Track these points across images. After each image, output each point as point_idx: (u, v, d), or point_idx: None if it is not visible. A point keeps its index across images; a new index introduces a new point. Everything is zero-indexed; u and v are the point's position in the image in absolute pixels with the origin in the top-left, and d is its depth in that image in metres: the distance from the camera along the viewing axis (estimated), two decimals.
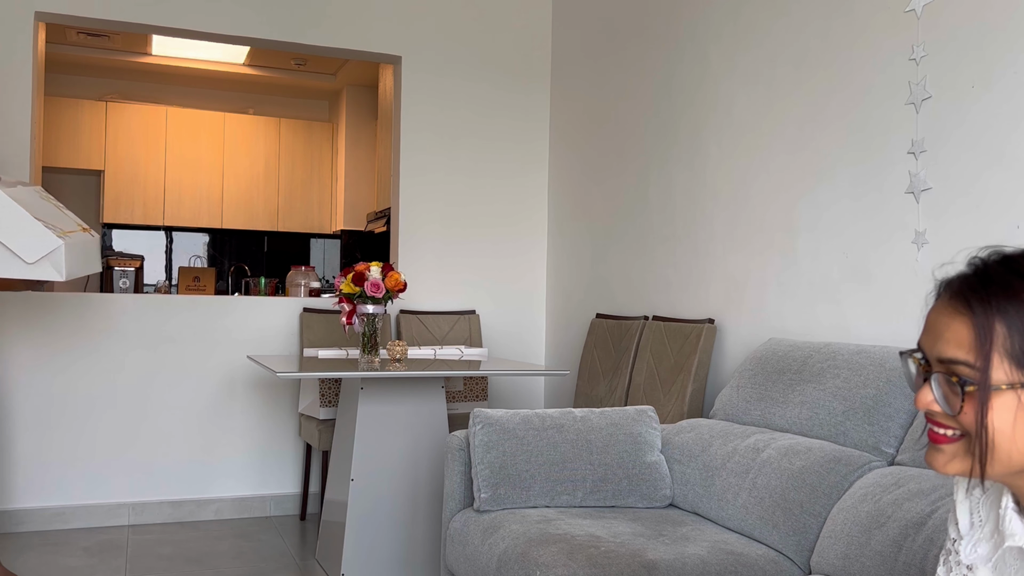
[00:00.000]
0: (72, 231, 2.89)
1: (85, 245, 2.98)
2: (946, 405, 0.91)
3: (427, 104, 4.62)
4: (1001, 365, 0.87)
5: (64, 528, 3.98)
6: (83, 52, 6.67)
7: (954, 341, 0.90)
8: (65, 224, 2.91)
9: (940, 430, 0.93)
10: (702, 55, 3.53)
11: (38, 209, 2.85)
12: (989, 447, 0.89)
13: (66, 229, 2.86)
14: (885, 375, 2.27)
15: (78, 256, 2.88)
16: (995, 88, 2.30)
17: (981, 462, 0.90)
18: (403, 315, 4.48)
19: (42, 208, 2.90)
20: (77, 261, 2.88)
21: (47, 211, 2.90)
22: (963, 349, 0.89)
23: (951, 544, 1.07)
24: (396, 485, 3.20)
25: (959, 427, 0.91)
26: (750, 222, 3.23)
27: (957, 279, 0.93)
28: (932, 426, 0.94)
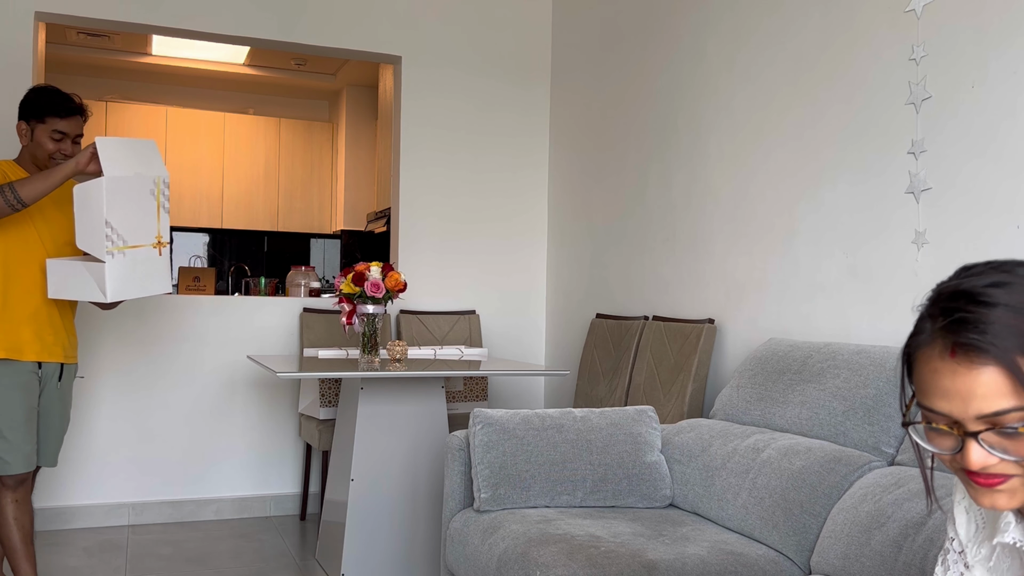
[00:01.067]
0: (138, 245, 2.65)
1: (147, 263, 2.71)
2: (1007, 454, 0.89)
3: (427, 104, 4.62)
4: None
5: (64, 528, 3.98)
6: (83, 52, 6.67)
7: (991, 395, 0.87)
8: (137, 235, 2.66)
9: (995, 478, 0.91)
10: (702, 54, 3.53)
11: (126, 210, 2.62)
12: None
13: (130, 243, 2.62)
14: (885, 375, 2.26)
15: (132, 275, 2.63)
16: (995, 88, 2.30)
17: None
18: (403, 315, 4.48)
19: (133, 208, 2.64)
20: (130, 281, 2.63)
21: (134, 213, 2.65)
22: (1006, 398, 0.87)
23: (949, 543, 1.08)
24: (396, 485, 3.20)
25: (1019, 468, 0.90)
26: (750, 222, 3.23)
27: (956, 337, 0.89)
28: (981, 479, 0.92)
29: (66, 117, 2.75)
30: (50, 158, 2.76)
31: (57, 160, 2.76)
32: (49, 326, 2.76)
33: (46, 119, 2.74)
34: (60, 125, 2.75)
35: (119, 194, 2.58)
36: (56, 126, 2.74)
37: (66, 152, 2.76)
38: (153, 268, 2.72)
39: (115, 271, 2.57)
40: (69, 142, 2.77)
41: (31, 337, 2.71)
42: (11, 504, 2.74)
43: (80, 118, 2.81)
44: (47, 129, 2.74)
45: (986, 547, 1.02)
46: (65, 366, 2.84)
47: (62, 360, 2.82)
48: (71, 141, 2.78)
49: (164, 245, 2.76)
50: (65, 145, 2.76)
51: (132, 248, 2.63)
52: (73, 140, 2.78)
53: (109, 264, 2.55)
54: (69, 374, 2.88)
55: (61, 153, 2.76)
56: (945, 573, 1.05)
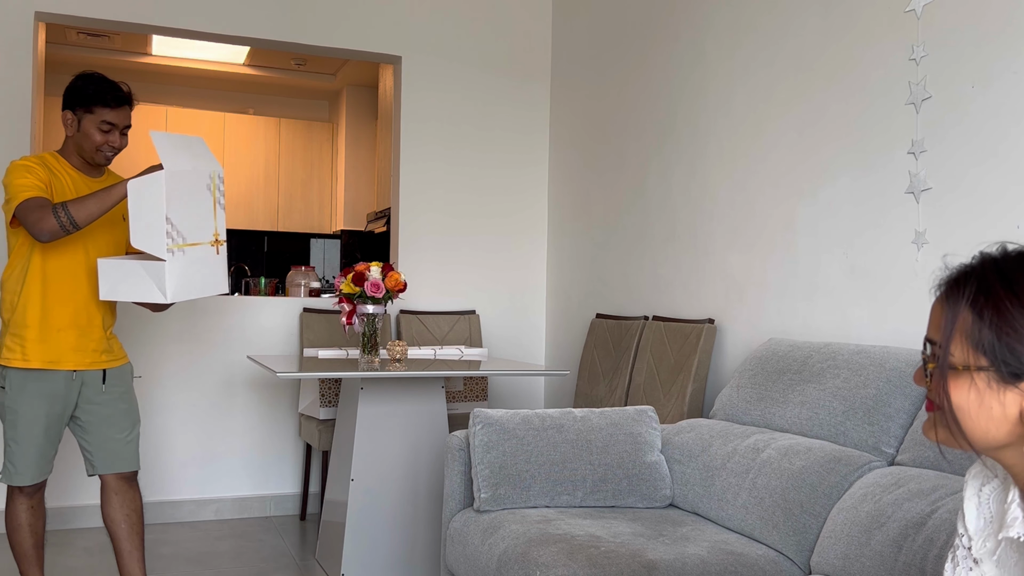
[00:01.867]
0: (196, 243, 2.50)
1: (205, 262, 2.56)
2: (922, 379, 1.04)
3: (427, 104, 4.63)
4: (961, 348, 0.98)
5: (64, 528, 3.98)
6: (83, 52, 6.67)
7: (934, 325, 1.02)
8: (195, 233, 2.51)
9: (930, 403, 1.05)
10: (702, 54, 3.53)
11: (185, 206, 2.47)
12: (953, 420, 0.99)
13: (189, 240, 2.48)
14: (885, 375, 2.27)
15: (191, 275, 2.49)
16: (995, 88, 2.30)
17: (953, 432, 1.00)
18: (403, 315, 4.48)
19: (191, 204, 2.50)
20: (189, 281, 2.48)
21: (192, 209, 2.50)
22: (938, 331, 1.01)
23: (959, 539, 1.09)
24: (396, 485, 3.20)
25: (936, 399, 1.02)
26: (750, 222, 3.23)
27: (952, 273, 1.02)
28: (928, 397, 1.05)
29: (115, 107, 2.61)
30: (97, 150, 2.62)
31: (104, 152, 2.64)
32: (89, 332, 2.65)
33: (94, 109, 2.60)
34: (109, 116, 2.60)
35: (177, 189, 2.44)
36: (105, 116, 2.60)
37: (114, 144, 2.63)
38: (211, 267, 2.57)
39: (175, 270, 2.43)
40: (117, 133, 2.64)
41: (69, 346, 2.61)
42: (26, 511, 2.68)
43: (128, 108, 2.67)
44: (95, 120, 2.60)
45: (992, 541, 1.05)
46: (109, 371, 2.72)
47: (104, 366, 2.70)
48: (119, 132, 2.64)
49: (222, 243, 2.60)
50: (113, 136, 2.63)
51: (191, 246, 2.49)
52: (121, 131, 2.65)
53: (169, 263, 2.40)
54: (118, 377, 2.74)
55: (109, 145, 2.62)
56: (955, 569, 1.08)
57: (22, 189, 2.48)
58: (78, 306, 2.62)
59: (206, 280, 2.55)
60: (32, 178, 2.52)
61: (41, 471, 2.64)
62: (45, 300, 2.58)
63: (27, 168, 2.54)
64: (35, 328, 2.57)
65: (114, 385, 2.72)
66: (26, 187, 2.49)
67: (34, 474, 2.62)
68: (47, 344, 2.58)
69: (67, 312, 2.61)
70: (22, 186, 2.49)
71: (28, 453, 2.59)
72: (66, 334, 2.60)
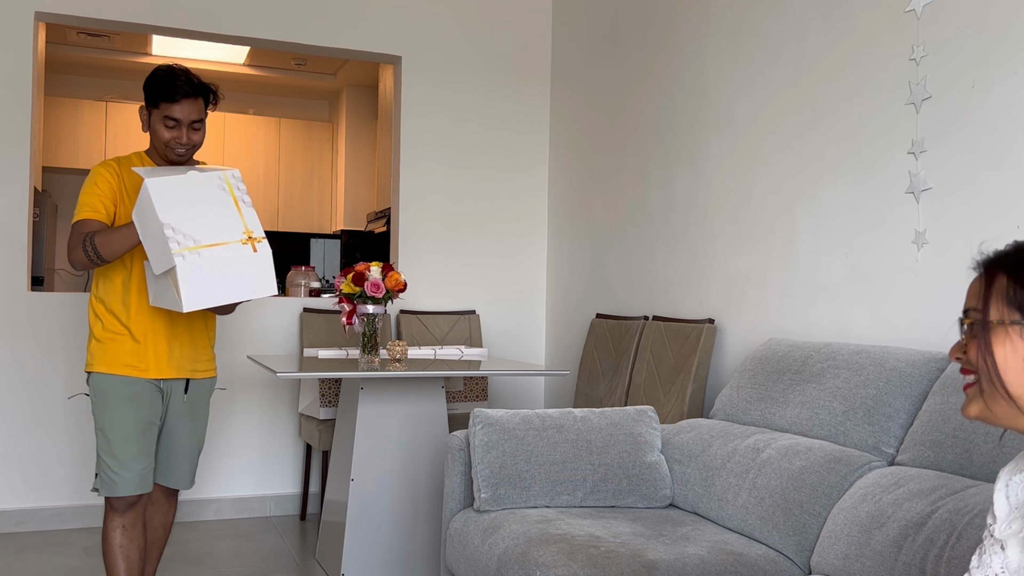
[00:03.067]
0: (217, 243, 2.28)
1: (238, 263, 2.31)
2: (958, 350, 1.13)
3: (427, 104, 4.63)
4: (997, 307, 1.09)
5: (64, 528, 3.98)
6: (83, 52, 6.67)
7: (971, 295, 1.13)
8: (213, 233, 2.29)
9: (967, 377, 1.13)
10: (702, 54, 3.53)
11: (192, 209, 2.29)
12: (996, 374, 1.08)
13: (205, 242, 2.26)
14: (885, 375, 2.27)
15: (216, 278, 2.27)
16: (995, 88, 2.30)
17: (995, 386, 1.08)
18: (403, 315, 4.48)
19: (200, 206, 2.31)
20: (214, 285, 2.26)
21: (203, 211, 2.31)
22: (974, 298, 1.12)
23: (987, 531, 1.15)
24: (396, 485, 3.20)
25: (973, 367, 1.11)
26: (750, 222, 3.23)
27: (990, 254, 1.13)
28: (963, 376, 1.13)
29: (179, 101, 2.46)
30: (166, 147, 2.50)
31: (175, 149, 2.50)
32: (175, 340, 2.55)
33: (159, 104, 2.47)
34: (172, 111, 2.46)
35: (172, 193, 2.28)
36: (168, 112, 2.46)
37: (181, 141, 2.49)
38: (247, 268, 2.32)
39: (189, 275, 2.22)
40: (184, 129, 2.49)
41: (153, 353, 2.51)
42: (118, 531, 2.52)
43: (195, 100, 2.49)
44: (159, 115, 2.48)
45: (1018, 523, 1.11)
46: (193, 381, 2.61)
47: (188, 375, 2.59)
48: (187, 128, 2.49)
49: (259, 240, 2.34)
50: (180, 133, 2.48)
51: (209, 247, 2.27)
52: (190, 127, 2.49)
53: (181, 267, 2.21)
54: (200, 389, 2.64)
55: (177, 142, 2.49)
56: (980, 556, 1.14)
57: (80, 208, 2.46)
58: (167, 313, 2.54)
59: (242, 282, 2.31)
60: (94, 196, 2.47)
61: (142, 482, 2.49)
62: (130, 307, 2.51)
63: (94, 182, 2.49)
64: (126, 332, 2.51)
65: (197, 396, 2.64)
66: (84, 206, 2.46)
67: (134, 483, 2.48)
68: (127, 351, 2.50)
69: (154, 319, 2.53)
70: (81, 205, 2.47)
71: (123, 459, 2.46)
72: (151, 341, 2.52)
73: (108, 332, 2.51)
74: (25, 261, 3.94)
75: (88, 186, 2.50)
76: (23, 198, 3.94)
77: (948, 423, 2.02)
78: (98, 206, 2.47)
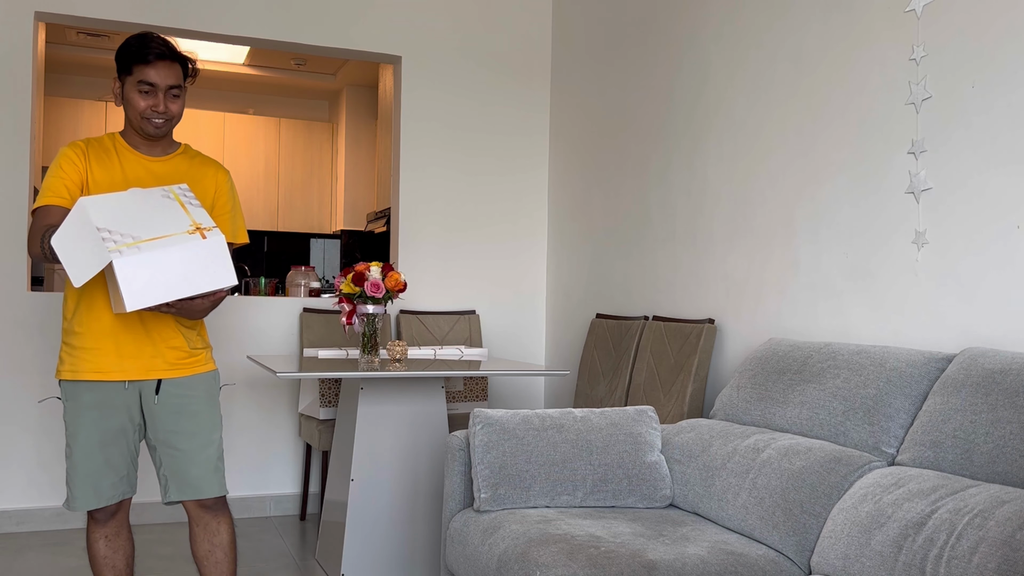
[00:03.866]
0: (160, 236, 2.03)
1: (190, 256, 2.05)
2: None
3: (427, 104, 4.62)
4: None
5: (64, 528, 3.98)
6: (83, 52, 6.67)
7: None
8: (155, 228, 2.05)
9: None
10: (702, 54, 3.53)
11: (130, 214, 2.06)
12: None
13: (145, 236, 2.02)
14: (885, 375, 2.27)
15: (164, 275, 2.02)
16: (995, 88, 2.30)
17: None
18: (403, 315, 4.48)
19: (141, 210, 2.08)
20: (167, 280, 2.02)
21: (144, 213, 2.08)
22: None
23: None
24: (396, 485, 3.20)
25: None
26: (750, 222, 3.23)
27: None
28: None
29: (152, 63, 2.20)
30: (141, 117, 2.24)
31: (151, 119, 2.25)
32: (130, 338, 2.30)
33: (132, 69, 2.21)
34: (147, 74, 2.20)
35: (107, 205, 2.06)
36: (142, 76, 2.20)
37: (159, 109, 2.23)
38: (199, 258, 2.06)
39: (129, 271, 1.97)
40: (161, 95, 2.23)
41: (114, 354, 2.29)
42: (100, 542, 2.37)
43: (172, 64, 2.24)
44: (133, 82, 2.22)
45: None
46: (168, 381, 2.34)
47: (161, 375, 2.33)
48: (164, 94, 2.23)
49: (208, 229, 2.08)
50: (156, 100, 2.22)
51: (152, 240, 2.02)
52: (167, 93, 2.24)
53: (118, 263, 1.95)
54: (182, 388, 2.36)
55: (154, 110, 2.23)
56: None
57: (43, 192, 2.24)
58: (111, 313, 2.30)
59: (193, 274, 2.05)
60: (59, 180, 2.24)
61: (100, 494, 2.31)
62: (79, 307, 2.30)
63: (59, 165, 2.26)
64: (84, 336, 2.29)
65: (174, 396, 2.35)
66: (47, 191, 2.24)
67: (91, 497, 2.31)
68: (79, 354, 2.29)
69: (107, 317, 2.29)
70: (45, 189, 2.24)
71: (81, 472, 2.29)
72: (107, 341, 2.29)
73: (69, 334, 2.32)
74: (25, 261, 3.94)
75: (54, 168, 2.26)
76: (23, 198, 3.94)
77: (948, 423, 2.02)
78: (62, 191, 2.23)
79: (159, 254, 2.01)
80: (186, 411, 2.36)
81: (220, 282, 2.09)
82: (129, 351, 2.31)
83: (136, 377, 2.32)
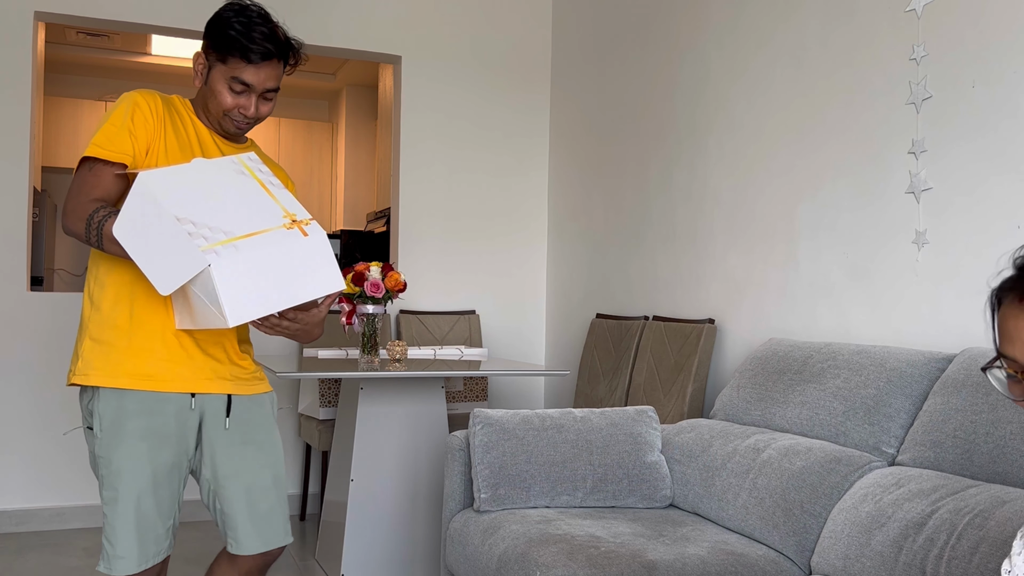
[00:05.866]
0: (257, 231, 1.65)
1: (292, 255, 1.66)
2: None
3: (427, 104, 4.62)
4: None
5: (64, 528, 3.98)
6: (83, 52, 6.67)
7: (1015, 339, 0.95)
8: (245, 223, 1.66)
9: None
10: (702, 55, 3.53)
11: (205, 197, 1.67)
12: None
13: (239, 233, 1.63)
14: (885, 375, 2.26)
15: (270, 278, 1.64)
16: (995, 88, 2.30)
17: None
18: (403, 315, 4.48)
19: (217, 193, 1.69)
20: (259, 287, 1.62)
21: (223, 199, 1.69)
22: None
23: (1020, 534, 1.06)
24: (396, 485, 3.20)
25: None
26: (750, 222, 3.23)
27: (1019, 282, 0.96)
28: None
29: (258, 64, 1.82)
30: (224, 115, 1.87)
31: (234, 119, 1.87)
32: (196, 344, 1.86)
33: (227, 60, 1.82)
34: (245, 73, 1.82)
35: (175, 183, 1.67)
36: (238, 73, 1.82)
37: (246, 112, 1.86)
38: (303, 259, 1.68)
39: (229, 275, 1.58)
40: (254, 98, 1.86)
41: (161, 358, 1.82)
42: None
43: (276, 63, 1.86)
44: (225, 74, 1.83)
45: None
46: (238, 398, 1.92)
47: (232, 390, 1.91)
48: (258, 96, 1.86)
49: (306, 223, 1.71)
50: (247, 101, 1.85)
51: (246, 237, 1.63)
52: (261, 96, 1.87)
53: (216, 265, 1.56)
54: (253, 409, 1.95)
55: (242, 112, 1.86)
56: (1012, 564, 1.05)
57: (101, 141, 1.76)
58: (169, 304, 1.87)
59: (299, 278, 1.67)
60: (125, 131, 1.77)
61: (145, 552, 1.83)
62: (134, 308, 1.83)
63: (129, 115, 1.79)
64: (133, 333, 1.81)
65: (247, 416, 1.95)
66: (107, 142, 1.76)
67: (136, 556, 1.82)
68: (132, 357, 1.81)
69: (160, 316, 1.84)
70: (104, 138, 1.77)
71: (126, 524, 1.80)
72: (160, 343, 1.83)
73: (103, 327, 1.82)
74: (25, 261, 3.94)
75: (120, 116, 1.79)
76: (23, 198, 3.94)
77: (948, 423, 2.02)
78: (126, 147, 1.78)
79: (259, 254, 1.62)
80: (254, 440, 1.94)
81: (327, 287, 1.73)
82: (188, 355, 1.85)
83: (202, 390, 1.86)
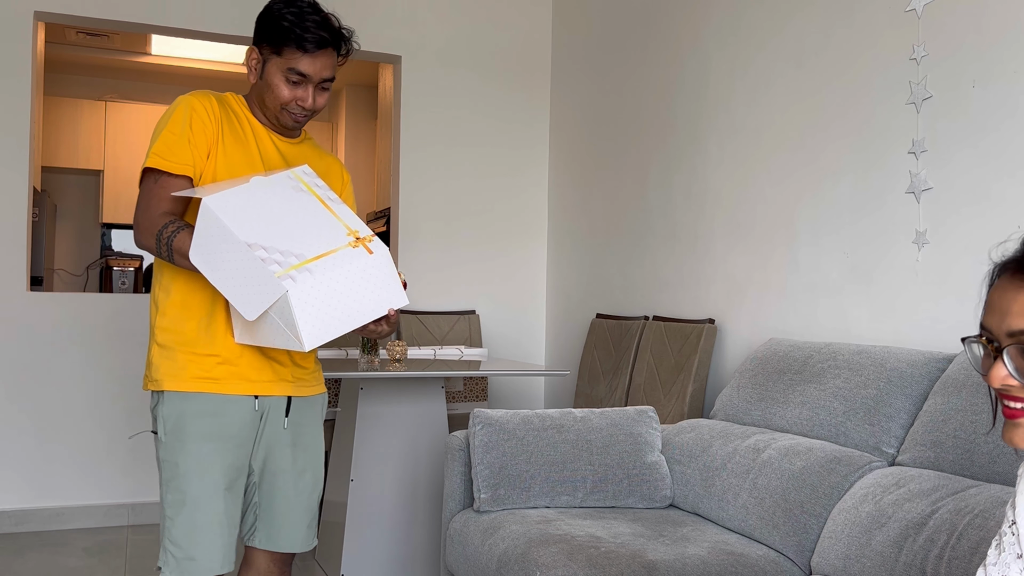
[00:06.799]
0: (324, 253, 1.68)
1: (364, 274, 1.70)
2: (1020, 376, 0.93)
3: (427, 104, 4.62)
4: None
5: (64, 528, 3.98)
6: (83, 52, 6.67)
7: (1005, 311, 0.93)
8: (316, 243, 1.69)
9: (1015, 404, 0.94)
10: (702, 54, 3.53)
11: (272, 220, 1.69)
12: None
13: (309, 255, 1.66)
14: (885, 375, 2.26)
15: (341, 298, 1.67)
16: (995, 88, 2.30)
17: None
18: (403, 315, 4.48)
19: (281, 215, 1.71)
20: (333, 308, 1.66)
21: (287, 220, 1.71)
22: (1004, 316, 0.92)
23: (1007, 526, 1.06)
24: (396, 485, 3.20)
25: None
26: (750, 222, 3.23)
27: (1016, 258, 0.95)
28: (1006, 402, 0.95)
29: (313, 52, 1.81)
30: (282, 108, 1.85)
31: (292, 112, 1.86)
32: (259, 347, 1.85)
33: (282, 51, 1.81)
34: (301, 63, 1.81)
35: (238, 206, 1.68)
36: (294, 64, 1.81)
37: (306, 104, 1.85)
38: (368, 277, 1.71)
39: (306, 300, 1.62)
40: (311, 88, 1.85)
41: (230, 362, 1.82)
42: None
43: (331, 52, 1.85)
44: (281, 66, 1.82)
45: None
46: (297, 400, 1.92)
47: (291, 392, 1.90)
48: (315, 87, 1.85)
49: (369, 240, 1.74)
50: (304, 92, 1.84)
51: (317, 259, 1.67)
52: (318, 86, 1.86)
53: (294, 292, 1.60)
54: (307, 410, 1.95)
55: (300, 104, 1.85)
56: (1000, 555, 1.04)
57: (162, 151, 1.78)
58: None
59: (368, 296, 1.71)
60: (184, 141, 1.78)
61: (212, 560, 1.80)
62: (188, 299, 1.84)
63: (187, 122, 1.79)
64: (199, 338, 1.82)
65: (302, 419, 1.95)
66: (169, 152, 1.78)
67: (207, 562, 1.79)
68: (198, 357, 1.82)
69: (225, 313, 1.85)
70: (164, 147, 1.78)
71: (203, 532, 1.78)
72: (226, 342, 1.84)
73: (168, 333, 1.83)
74: (24, 261, 3.94)
75: (178, 124, 1.79)
76: (23, 198, 3.94)
77: (949, 423, 2.02)
78: (187, 158, 1.78)
79: (331, 276, 1.66)
80: (301, 442, 1.92)
81: (392, 303, 1.76)
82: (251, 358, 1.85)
83: (264, 392, 1.86)
